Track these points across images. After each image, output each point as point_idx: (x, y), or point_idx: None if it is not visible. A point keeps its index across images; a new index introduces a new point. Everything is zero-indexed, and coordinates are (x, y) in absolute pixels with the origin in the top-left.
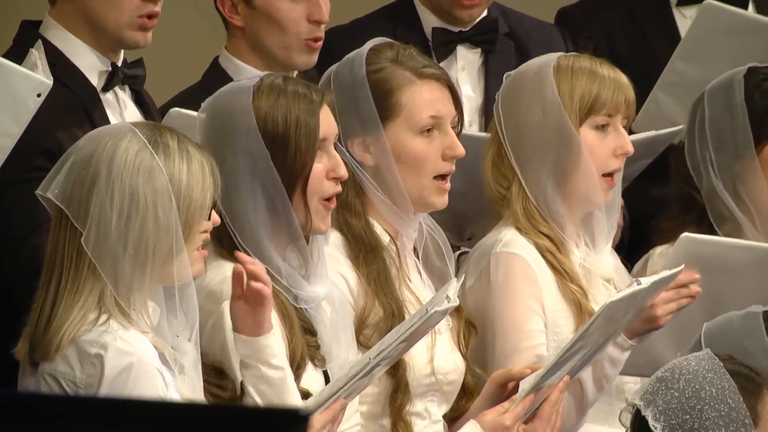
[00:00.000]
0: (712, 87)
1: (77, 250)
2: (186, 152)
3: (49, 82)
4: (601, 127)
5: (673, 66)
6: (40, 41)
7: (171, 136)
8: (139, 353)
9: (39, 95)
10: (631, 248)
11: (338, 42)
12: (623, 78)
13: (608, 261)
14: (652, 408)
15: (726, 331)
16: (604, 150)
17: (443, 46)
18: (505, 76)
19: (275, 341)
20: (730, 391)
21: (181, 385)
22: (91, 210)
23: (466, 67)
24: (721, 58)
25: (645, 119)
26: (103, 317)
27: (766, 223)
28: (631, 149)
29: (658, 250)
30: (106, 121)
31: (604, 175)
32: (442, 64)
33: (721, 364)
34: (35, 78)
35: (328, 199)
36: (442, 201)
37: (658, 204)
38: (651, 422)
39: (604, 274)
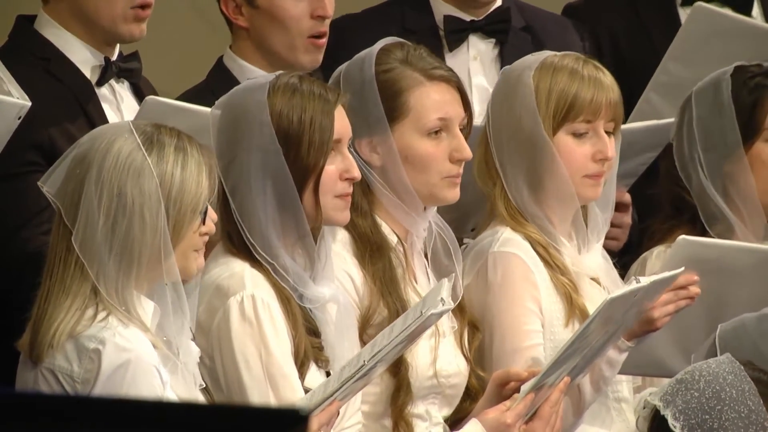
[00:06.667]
0: (700, 87)
1: (67, 247)
2: (183, 153)
3: (28, 103)
4: (580, 135)
5: (664, 67)
6: None
7: (170, 135)
8: (137, 350)
9: (19, 118)
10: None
11: (349, 31)
12: (606, 78)
13: (596, 260)
14: (672, 408)
15: (740, 334)
16: (581, 155)
17: (455, 34)
18: (501, 72)
19: None
20: (750, 393)
21: (176, 384)
22: (80, 209)
23: (478, 57)
24: (712, 60)
25: (638, 120)
26: (102, 313)
27: (756, 222)
28: (610, 154)
29: (656, 252)
30: (102, 115)
31: (586, 176)
32: (453, 53)
33: (742, 367)
34: (17, 103)
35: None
36: (453, 194)
37: (651, 202)
38: (670, 421)
39: (590, 274)
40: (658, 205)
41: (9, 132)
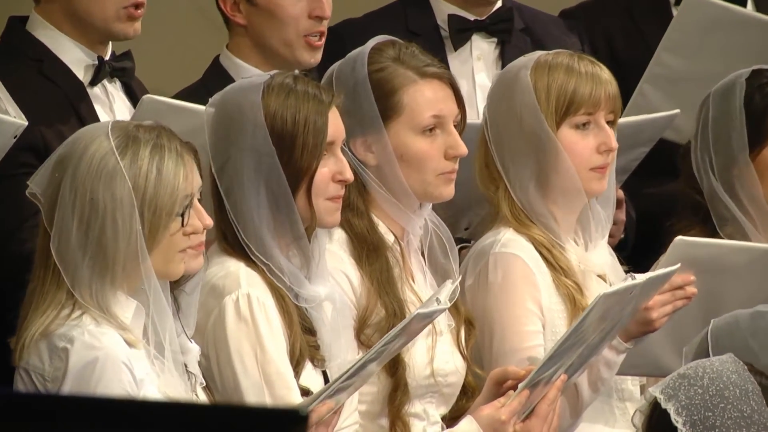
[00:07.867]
0: (717, 88)
1: (46, 249)
2: (159, 155)
3: (25, 122)
4: (582, 126)
5: (658, 58)
6: None
7: (150, 135)
8: (106, 348)
9: (15, 137)
10: (634, 246)
11: (352, 35)
12: (603, 73)
13: (602, 257)
14: (674, 402)
15: (732, 330)
16: (586, 148)
17: (459, 33)
18: (495, 75)
19: None
20: (753, 393)
21: (167, 384)
22: (56, 212)
23: (482, 57)
24: (706, 51)
25: (632, 112)
26: (77, 312)
27: (766, 224)
28: (614, 145)
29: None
30: (94, 116)
31: (592, 169)
32: (457, 53)
33: (746, 367)
34: (14, 122)
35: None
36: (448, 192)
37: (657, 201)
38: (673, 416)
39: (597, 271)
40: (658, 204)
41: (3, 150)
